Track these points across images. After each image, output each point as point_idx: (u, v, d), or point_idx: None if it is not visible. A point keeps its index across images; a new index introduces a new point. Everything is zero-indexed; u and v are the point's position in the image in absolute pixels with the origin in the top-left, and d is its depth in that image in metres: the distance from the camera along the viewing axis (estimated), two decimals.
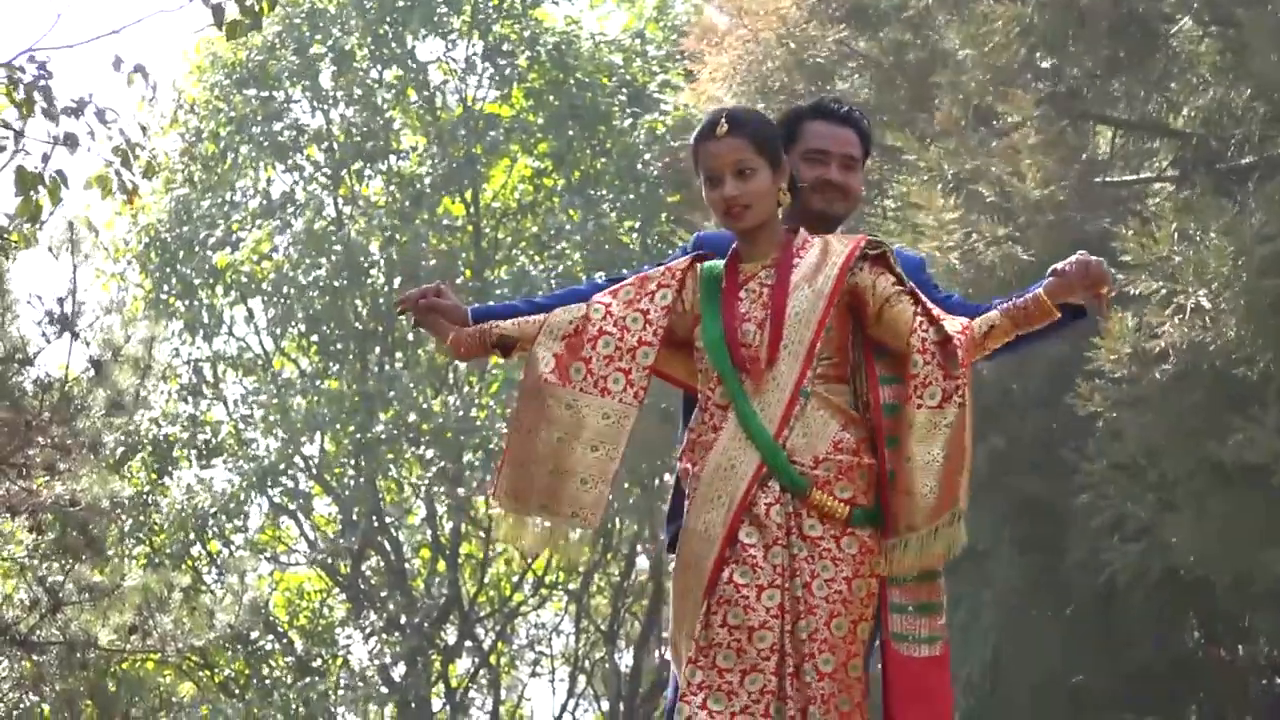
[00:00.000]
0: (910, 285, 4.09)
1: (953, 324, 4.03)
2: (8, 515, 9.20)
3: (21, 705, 9.98)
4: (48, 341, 9.24)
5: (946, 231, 11.07)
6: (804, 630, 3.95)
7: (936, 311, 4.06)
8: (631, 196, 18.32)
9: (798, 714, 3.93)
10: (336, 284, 18.67)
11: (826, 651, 3.96)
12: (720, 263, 4.19)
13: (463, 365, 17.99)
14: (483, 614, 20.81)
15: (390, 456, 19.15)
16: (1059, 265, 4.03)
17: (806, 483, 3.99)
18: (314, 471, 19.53)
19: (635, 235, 18.31)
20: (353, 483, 19.39)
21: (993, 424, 11.38)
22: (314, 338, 19.54)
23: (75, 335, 9.22)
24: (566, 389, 4.12)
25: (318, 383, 19.22)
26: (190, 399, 19.81)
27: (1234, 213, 10.37)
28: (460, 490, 18.59)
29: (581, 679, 21.75)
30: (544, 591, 21.40)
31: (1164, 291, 10.21)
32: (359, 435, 18.45)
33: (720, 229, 4.33)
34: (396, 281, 18.43)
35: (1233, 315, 10.10)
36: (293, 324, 19.45)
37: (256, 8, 6.86)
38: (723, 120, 4.13)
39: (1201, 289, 10.07)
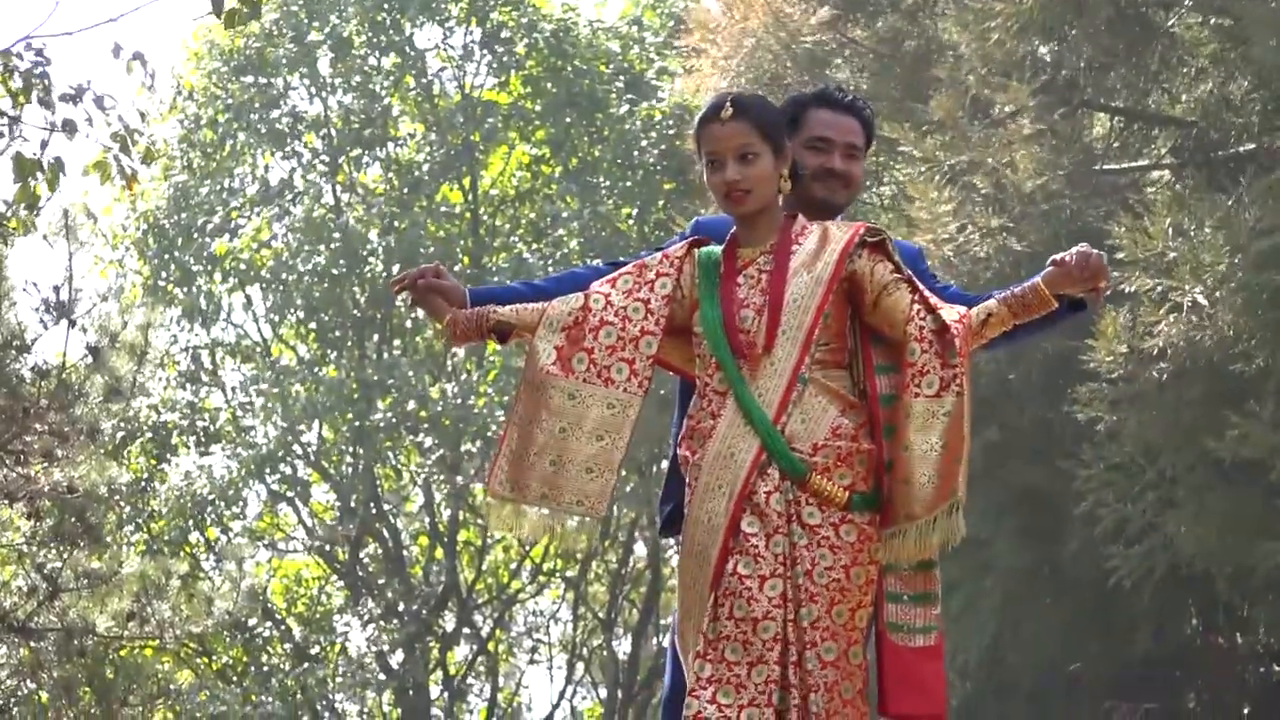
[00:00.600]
0: (908, 273, 4.08)
1: (950, 313, 4.02)
2: (5, 502, 9.20)
3: (20, 692, 9.98)
4: (45, 328, 9.25)
5: (940, 223, 11.04)
6: (806, 618, 3.95)
7: (934, 300, 4.05)
8: (629, 183, 18.32)
9: (800, 701, 3.94)
10: (335, 271, 18.66)
11: (829, 639, 3.96)
12: (718, 248, 4.18)
13: (460, 352, 17.99)
14: (481, 601, 20.81)
15: (388, 444, 19.15)
16: (1059, 255, 4.03)
17: (805, 468, 3.98)
18: (312, 459, 19.53)
19: (632, 222, 18.29)
20: (351, 470, 19.40)
21: (993, 414, 11.37)
22: (312, 325, 19.53)
23: (72, 322, 9.22)
24: (569, 379, 4.11)
25: (316, 370, 19.21)
26: (189, 386, 19.81)
27: (1229, 206, 10.34)
28: (458, 478, 18.60)
29: (579, 666, 21.75)
30: (542, 579, 21.39)
31: (1159, 288, 10.18)
32: (357, 423, 18.45)
33: (719, 215, 4.32)
34: (395, 269, 18.40)
35: (1229, 311, 10.06)
36: (291, 311, 19.44)
37: None
38: (727, 104, 4.11)
39: (1197, 285, 10.03)
